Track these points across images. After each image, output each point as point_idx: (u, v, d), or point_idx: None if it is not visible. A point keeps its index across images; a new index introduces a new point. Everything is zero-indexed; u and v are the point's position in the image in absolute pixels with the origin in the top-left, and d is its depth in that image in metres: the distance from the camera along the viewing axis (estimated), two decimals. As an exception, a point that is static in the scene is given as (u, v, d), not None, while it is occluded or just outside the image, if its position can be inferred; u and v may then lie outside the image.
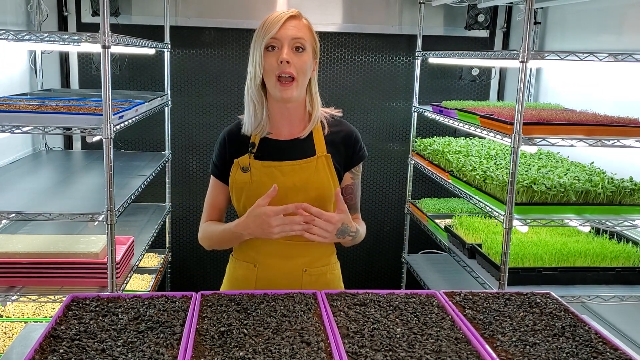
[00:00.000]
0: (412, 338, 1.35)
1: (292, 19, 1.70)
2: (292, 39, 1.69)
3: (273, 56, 1.70)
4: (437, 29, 3.98)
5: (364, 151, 1.88)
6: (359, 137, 1.87)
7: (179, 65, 3.84)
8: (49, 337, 1.31)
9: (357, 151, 1.86)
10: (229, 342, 1.31)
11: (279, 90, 1.71)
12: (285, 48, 1.68)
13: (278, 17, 1.69)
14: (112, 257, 2.19)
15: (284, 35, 1.68)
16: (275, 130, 1.82)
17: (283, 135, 1.82)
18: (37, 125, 2.10)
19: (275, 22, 1.68)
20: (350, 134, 1.86)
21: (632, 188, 2.41)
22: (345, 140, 1.84)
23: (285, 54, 1.68)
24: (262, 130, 1.80)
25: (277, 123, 1.81)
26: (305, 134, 1.82)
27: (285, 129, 1.82)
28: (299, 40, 1.69)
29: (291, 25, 1.69)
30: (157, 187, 3.75)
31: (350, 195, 1.85)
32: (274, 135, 1.82)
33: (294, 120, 1.82)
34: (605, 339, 1.39)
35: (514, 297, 1.63)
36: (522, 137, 2.24)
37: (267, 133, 1.81)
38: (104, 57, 2.04)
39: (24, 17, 3.38)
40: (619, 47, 2.92)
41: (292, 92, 1.71)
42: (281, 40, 1.69)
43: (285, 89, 1.70)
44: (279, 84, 1.70)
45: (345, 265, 1.98)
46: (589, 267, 2.50)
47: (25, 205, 2.27)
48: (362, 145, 1.88)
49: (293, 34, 1.69)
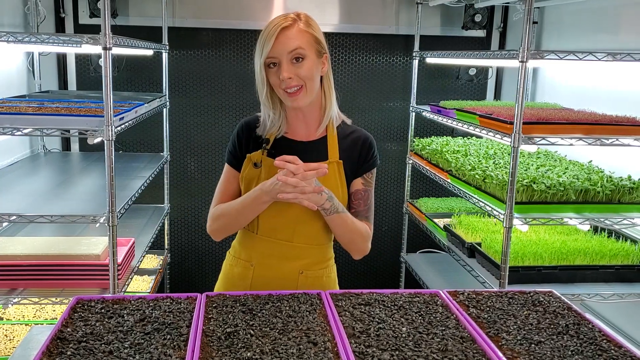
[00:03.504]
0: (418, 337, 1.36)
1: (285, 30, 1.67)
2: (289, 53, 1.67)
3: (274, 73, 1.70)
4: (434, 28, 4.00)
5: (376, 158, 1.85)
6: (373, 144, 1.85)
7: (176, 66, 3.84)
8: (55, 340, 1.31)
9: (370, 158, 1.83)
10: (235, 343, 1.31)
11: (288, 100, 1.72)
12: (284, 64, 1.67)
13: (271, 30, 1.66)
14: (114, 258, 2.19)
15: (280, 52, 1.66)
16: (292, 130, 1.82)
17: (299, 135, 1.82)
18: (37, 128, 2.09)
19: (269, 37, 1.66)
20: (365, 139, 1.84)
21: (631, 186, 2.42)
22: (360, 144, 1.83)
23: (285, 72, 1.66)
24: (279, 131, 1.80)
25: (293, 124, 1.81)
26: (320, 131, 1.82)
27: (301, 129, 1.82)
28: (296, 51, 1.67)
29: (285, 37, 1.66)
30: (155, 188, 3.75)
31: (358, 201, 1.82)
32: (290, 134, 1.82)
33: (310, 121, 1.82)
34: (609, 336, 1.40)
35: (517, 295, 1.64)
36: (522, 137, 2.25)
37: (284, 132, 1.81)
38: (105, 59, 2.04)
39: (21, 18, 3.37)
40: (615, 47, 2.93)
41: (302, 100, 1.71)
42: (278, 57, 1.67)
43: (295, 98, 1.71)
44: (288, 95, 1.70)
45: (344, 265, 1.98)
46: (589, 266, 2.52)
47: (26, 207, 2.26)
48: (375, 152, 1.85)
49: (289, 48, 1.66)
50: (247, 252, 1.85)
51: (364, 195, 1.84)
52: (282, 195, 1.60)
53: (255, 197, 1.70)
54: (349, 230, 1.77)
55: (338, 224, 1.75)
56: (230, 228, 1.82)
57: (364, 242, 1.83)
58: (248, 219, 1.79)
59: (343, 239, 1.80)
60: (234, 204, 1.78)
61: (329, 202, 1.68)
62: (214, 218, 1.82)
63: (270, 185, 1.64)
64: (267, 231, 1.81)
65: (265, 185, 1.67)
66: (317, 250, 1.85)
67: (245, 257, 1.85)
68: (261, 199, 1.69)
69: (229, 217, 1.79)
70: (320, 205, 1.66)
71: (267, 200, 1.70)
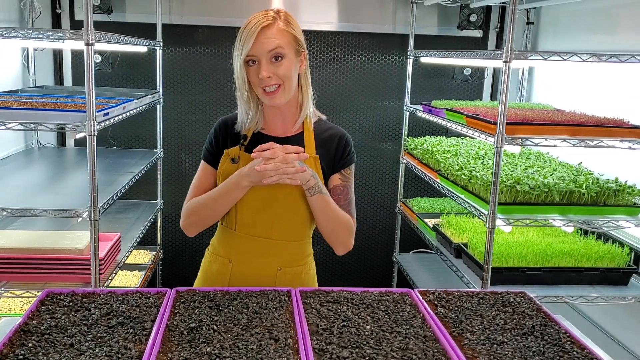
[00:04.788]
0: (381, 336, 1.36)
1: (265, 30, 1.68)
2: (268, 52, 1.68)
3: (253, 71, 1.71)
4: (431, 28, 3.99)
5: (353, 155, 1.86)
6: (349, 141, 1.86)
7: (172, 63, 3.85)
8: (19, 332, 1.32)
9: (346, 155, 1.84)
10: (197, 338, 1.31)
11: (266, 99, 1.73)
12: (263, 63, 1.68)
13: (252, 29, 1.67)
14: (96, 253, 2.20)
15: (260, 51, 1.68)
16: (269, 127, 1.83)
17: (276, 131, 1.83)
18: (21, 122, 2.11)
19: (249, 36, 1.67)
20: (342, 137, 1.85)
21: (617, 189, 2.41)
22: (336, 141, 1.84)
23: (264, 70, 1.68)
24: (256, 127, 1.82)
25: (270, 120, 1.83)
26: (297, 127, 1.83)
27: (278, 125, 1.83)
28: (275, 50, 1.68)
29: (265, 37, 1.67)
30: (149, 184, 3.77)
31: (338, 196, 1.82)
32: (267, 130, 1.83)
33: (287, 117, 1.83)
34: (574, 338, 1.39)
35: (488, 296, 1.63)
36: (506, 137, 2.25)
37: (261, 128, 1.83)
38: (87, 55, 2.05)
39: (16, 14, 3.39)
40: (612, 48, 2.91)
41: (280, 98, 1.73)
42: (257, 55, 1.69)
43: (272, 97, 1.72)
44: (265, 94, 1.72)
45: (336, 265, 1.98)
46: (573, 268, 2.51)
47: (12, 201, 2.28)
48: (352, 150, 1.86)
49: (268, 47, 1.67)
50: (225, 248, 1.86)
51: (343, 191, 1.84)
52: (266, 180, 1.61)
53: (234, 182, 1.71)
54: (332, 216, 1.76)
55: (321, 206, 1.74)
56: (205, 221, 1.81)
57: (348, 234, 1.81)
58: (225, 208, 1.79)
59: (326, 226, 1.78)
60: (211, 193, 1.78)
61: (313, 180, 1.69)
62: (188, 213, 1.82)
63: (249, 168, 1.66)
64: (245, 227, 1.81)
65: (243, 170, 1.68)
66: (296, 246, 1.85)
67: (224, 254, 1.86)
68: (240, 184, 1.70)
69: (205, 207, 1.78)
70: (305, 181, 1.67)
71: (246, 186, 1.70)
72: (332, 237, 1.81)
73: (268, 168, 1.59)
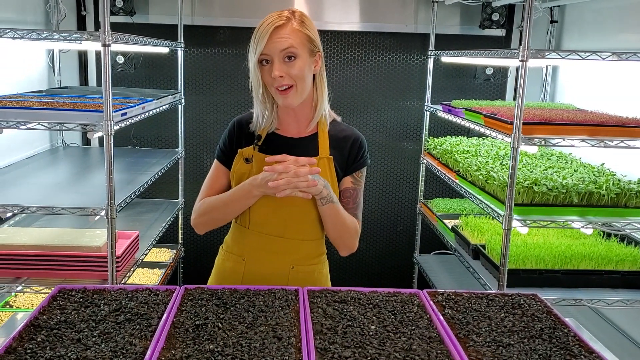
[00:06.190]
0: (385, 336, 1.35)
1: (278, 30, 1.68)
2: (281, 51, 1.68)
3: (267, 71, 1.72)
4: (454, 27, 3.95)
5: (366, 158, 1.86)
6: (364, 144, 1.86)
7: (193, 63, 3.89)
8: (29, 326, 1.35)
9: (360, 157, 1.84)
10: (201, 335, 1.33)
11: (280, 99, 1.74)
12: (275, 62, 1.69)
13: (265, 29, 1.68)
14: (113, 250, 2.23)
15: (273, 50, 1.68)
16: (283, 127, 1.84)
17: (290, 132, 1.84)
18: (41, 122, 2.15)
19: (262, 35, 1.68)
20: (357, 138, 1.85)
21: (638, 190, 2.35)
22: (350, 143, 1.84)
23: (277, 70, 1.68)
24: (270, 127, 1.83)
25: (284, 120, 1.84)
26: (311, 127, 1.83)
27: (292, 126, 1.84)
28: (288, 50, 1.68)
29: (278, 36, 1.68)
30: (170, 183, 3.82)
31: (347, 199, 1.83)
32: (281, 131, 1.84)
33: (301, 118, 1.83)
34: (582, 341, 1.37)
35: (498, 297, 1.61)
36: (522, 137, 2.21)
37: (275, 128, 1.84)
38: (104, 55, 2.09)
39: (42, 16, 3.47)
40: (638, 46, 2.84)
41: (292, 98, 1.73)
42: (270, 54, 1.69)
43: (286, 96, 1.73)
44: (279, 93, 1.73)
45: (358, 266, 1.97)
46: (593, 270, 2.46)
47: (34, 199, 2.33)
48: (365, 152, 1.86)
49: (281, 47, 1.68)
50: (238, 246, 1.87)
51: (353, 194, 1.84)
52: (279, 194, 1.61)
53: (245, 190, 1.72)
54: (340, 222, 1.77)
55: (331, 215, 1.75)
56: (216, 221, 1.83)
57: (353, 238, 1.84)
58: (235, 212, 1.81)
59: (333, 232, 1.80)
60: (223, 197, 1.80)
61: (325, 190, 1.69)
62: (199, 212, 1.84)
63: (262, 180, 1.66)
64: (259, 226, 1.82)
65: (256, 180, 1.69)
66: (309, 246, 1.85)
67: (237, 251, 1.87)
68: (251, 193, 1.71)
69: (216, 210, 1.81)
70: (318, 192, 1.67)
71: (257, 195, 1.72)
72: (338, 241, 1.83)
73: (280, 184, 1.59)
